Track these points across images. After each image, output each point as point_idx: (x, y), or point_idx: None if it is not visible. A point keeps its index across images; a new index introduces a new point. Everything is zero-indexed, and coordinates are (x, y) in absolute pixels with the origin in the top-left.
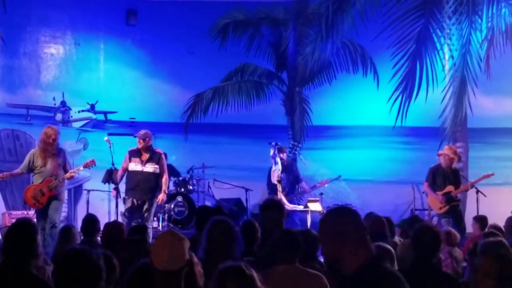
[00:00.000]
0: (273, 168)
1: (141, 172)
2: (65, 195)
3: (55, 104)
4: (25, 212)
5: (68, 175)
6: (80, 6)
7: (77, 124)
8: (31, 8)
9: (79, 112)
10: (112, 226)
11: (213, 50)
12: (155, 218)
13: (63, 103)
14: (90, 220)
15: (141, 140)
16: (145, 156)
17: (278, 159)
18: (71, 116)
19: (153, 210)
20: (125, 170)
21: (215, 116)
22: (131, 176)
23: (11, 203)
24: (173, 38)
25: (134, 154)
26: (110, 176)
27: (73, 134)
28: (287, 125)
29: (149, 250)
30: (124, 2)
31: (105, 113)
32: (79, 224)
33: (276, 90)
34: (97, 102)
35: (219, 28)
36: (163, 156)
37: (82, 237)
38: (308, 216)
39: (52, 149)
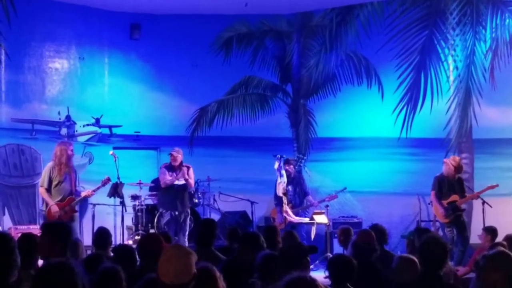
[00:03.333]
0: (278, 180)
1: (177, 186)
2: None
3: (60, 119)
4: (31, 227)
5: (89, 193)
6: (84, 21)
7: (82, 138)
8: (35, 23)
9: (84, 126)
10: (149, 238)
11: (217, 63)
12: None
13: (68, 117)
14: (102, 234)
15: (178, 157)
16: (178, 170)
17: (283, 172)
18: (76, 131)
19: (188, 221)
20: None
21: (220, 129)
22: (168, 189)
23: (17, 218)
24: (177, 51)
25: (169, 169)
26: (115, 190)
27: (78, 149)
28: (292, 137)
29: None
30: (127, 17)
31: (110, 127)
32: (84, 238)
33: (281, 103)
34: (102, 116)
35: (222, 41)
36: (191, 169)
37: (93, 251)
38: (313, 228)
39: (69, 165)
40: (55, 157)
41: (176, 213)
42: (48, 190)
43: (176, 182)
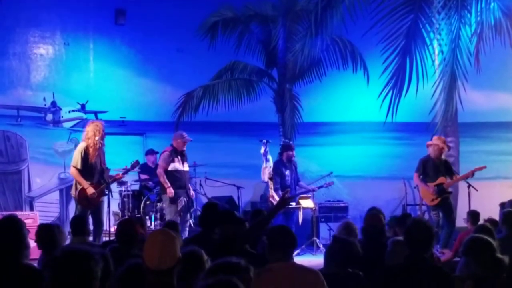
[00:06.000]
0: (264, 165)
1: (185, 172)
2: None
3: (45, 105)
4: (17, 213)
5: (118, 175)
6: (69, 6)
7: (67, 124)
8: (20, 9)
9: (69, 112)
10: (126, 222)
11: (202, 49)
12: (147, 217)
13: (53, 103)
14: (79, 220)
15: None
16: (182, 155)
17: (269, 157)
18: (62, 116)
19: None
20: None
21: (206, 115)
22: (180, 175)
23: (3, 204)
24: (163, 37)
25: (175, 154)
26: (101, 176)
27: (64, 134)
28: (278, 122)
29: None
30: (113, 2)
31: (95, 112)
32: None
33: (266, 88)
34: (87, 101)
35: (208, 26)
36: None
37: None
38: (300, 212)
39: (101, 146)
40: (87, 137)
41: (187, 199)
42: (81, 171)
43: (184, 168)
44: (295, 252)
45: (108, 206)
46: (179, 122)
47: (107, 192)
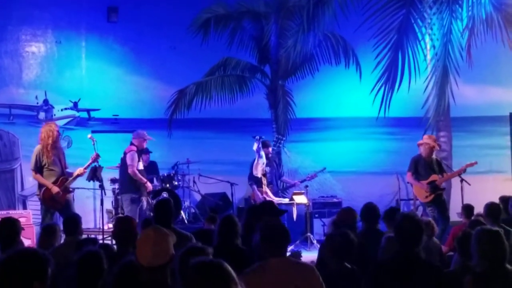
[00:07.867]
0: (256, 161)
1: (143, 170)
2: None
3: (37, 103)
4: (10, 212)
5: (81, 171)
6: (60, 4)
7: (60, 122)
8: (12, 7)
9: (62, 110)
10: (124, 220)
11: (195, 45)
12: None
13: (45, 101)
14: (71, 220)
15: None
16: (140, 154)
17: (262, 153)
18: (54, 115)
19: None
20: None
21: (199, 111)
22: (143, 175)
23: None
24: (155, 34)
25: (139, 154)
26: (94, 174)
27: None
28: (270, 118)
29: None
30: None
31: (88, 110)
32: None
33: (259, 84)
34: (80, 100)
35: (200, 23)
36: None
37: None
38: (294, 209)
39: (57, 146)
40: (41, 139)
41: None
42: (39, 173)
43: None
44: (289, 248)
45: (101, 204)
46: (172, 119)
47: (100, 189)
